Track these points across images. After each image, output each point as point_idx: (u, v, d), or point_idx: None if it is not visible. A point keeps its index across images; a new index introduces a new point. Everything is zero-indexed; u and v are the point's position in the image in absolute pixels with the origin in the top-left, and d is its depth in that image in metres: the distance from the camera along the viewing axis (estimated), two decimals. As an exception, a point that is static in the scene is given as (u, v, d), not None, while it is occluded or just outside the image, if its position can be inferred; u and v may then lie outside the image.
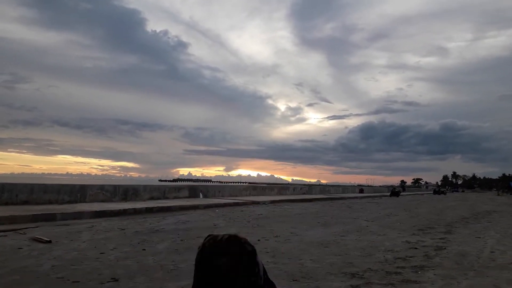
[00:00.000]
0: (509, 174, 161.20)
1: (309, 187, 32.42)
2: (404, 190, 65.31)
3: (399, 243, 7.95)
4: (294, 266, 5.57)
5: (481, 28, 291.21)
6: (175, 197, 17.98)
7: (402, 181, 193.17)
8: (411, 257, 6.49)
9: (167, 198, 17.49)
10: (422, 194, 56.16)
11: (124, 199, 15.46)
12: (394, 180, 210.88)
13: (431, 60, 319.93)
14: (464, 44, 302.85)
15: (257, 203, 18.28)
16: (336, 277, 4.98)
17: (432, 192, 62.85)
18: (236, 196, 21.96)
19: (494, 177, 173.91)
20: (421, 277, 5.13)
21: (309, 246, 7.29)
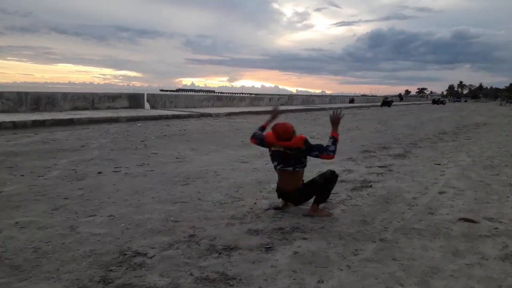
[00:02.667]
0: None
1: (289, 97, 29.52)
2: (401, 99, 62.35)
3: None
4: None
5: None
6: (108, 108, 15.31)
7: (407, 91, 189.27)
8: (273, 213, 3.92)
9: (97, 108, 14.82)
10: (420, 104, 53.31)
11: (36, 109, 12.83)
12: (400, 89, 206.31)
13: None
14: None
15: (208, 115, 15.65)
16: (83, 265, 2.45)
17: (431, 102, 59.81)
18: (194, 107, 19.27)
19: (501, 87, 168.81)
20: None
21: (167, 181, 4.77)
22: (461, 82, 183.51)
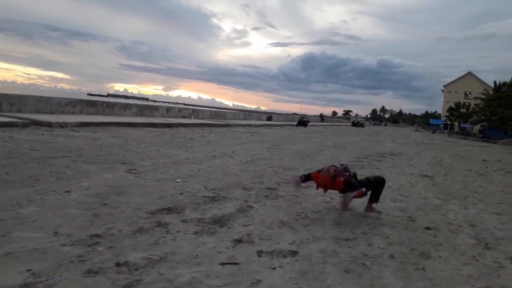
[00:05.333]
0: (431, 112, 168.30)
1: (193, 110, 25.94)
2: (322, 120, 61.96)
3: None
4: None
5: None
6: None
7: (334, 112, 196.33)
8: None
9: None
10: (339, 125, 52.84)
11: None
12: (328, 110, 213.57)
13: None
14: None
15: (46, 124, 11.50)
16: None
17: (351, 124, 59.97)
18: (51, 113, 14.90)
19: (418, 114, 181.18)
20: None
21: None
22: (383, 107, 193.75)
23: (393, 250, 3.62)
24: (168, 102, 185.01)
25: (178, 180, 5.78)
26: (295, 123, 36.12)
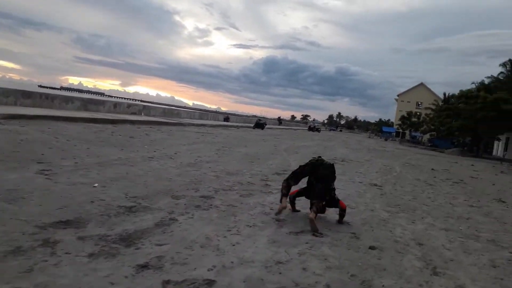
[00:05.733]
0: (384, 120, 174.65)
1: (144, 107, 24.68)
2: (280, 123, 62.11)
3: None
4: None
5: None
6: None
7: (292, 116, 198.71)
8: None
9: None
10: (296, 129, 53.07)
11: None
12: (287, 114, 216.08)
13: (338, 3, 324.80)
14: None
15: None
16: None
17: (307, 128, 60.54)
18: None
19: (372, 121, 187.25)
20: None
21: None
22: (339, 113, 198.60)
23: (330, 277, 3.07)
24: (125, 98, 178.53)
25: (95, 184, 4.98)
26: (250, 124, 35.67)
